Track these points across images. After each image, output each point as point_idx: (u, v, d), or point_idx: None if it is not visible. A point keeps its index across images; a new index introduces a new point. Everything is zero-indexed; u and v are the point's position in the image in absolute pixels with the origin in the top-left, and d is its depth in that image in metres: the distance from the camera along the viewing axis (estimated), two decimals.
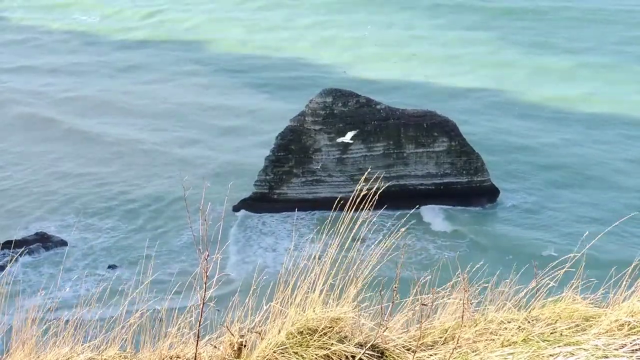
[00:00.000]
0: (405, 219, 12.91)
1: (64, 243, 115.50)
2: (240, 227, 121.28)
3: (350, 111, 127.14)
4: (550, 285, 12.53)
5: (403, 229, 12.66)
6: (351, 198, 12.71)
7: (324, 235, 12.68)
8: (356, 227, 12.49)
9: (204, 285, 11.35)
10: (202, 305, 11.40)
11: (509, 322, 11.43)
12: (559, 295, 12.38)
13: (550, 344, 10.34)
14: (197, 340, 11.63)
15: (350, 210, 12.65)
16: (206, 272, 11.33)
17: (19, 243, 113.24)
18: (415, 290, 12.08)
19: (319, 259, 12.08)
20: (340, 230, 12.11)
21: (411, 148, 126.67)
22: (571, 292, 12.40)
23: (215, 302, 12.45)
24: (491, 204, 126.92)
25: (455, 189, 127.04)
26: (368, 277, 12.00)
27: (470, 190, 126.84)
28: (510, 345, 10.69)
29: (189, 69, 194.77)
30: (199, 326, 11.56)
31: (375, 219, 12.82)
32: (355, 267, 11.99)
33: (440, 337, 11.66)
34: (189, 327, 12.22)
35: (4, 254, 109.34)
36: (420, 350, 11.17)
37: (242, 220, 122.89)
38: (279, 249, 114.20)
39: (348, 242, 12.28)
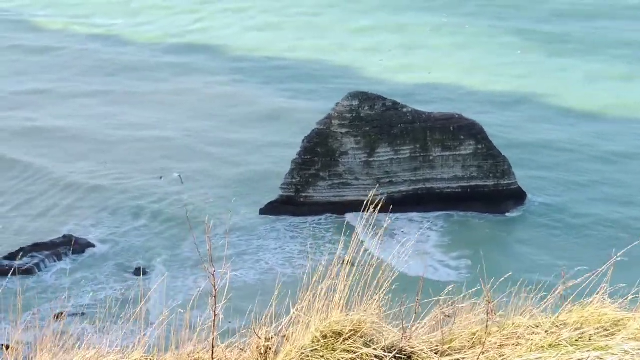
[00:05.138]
0: (430, 222, 12.85)
1: (91, 246, 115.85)
2: (258, 231, 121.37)
3: (376, 114, 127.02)
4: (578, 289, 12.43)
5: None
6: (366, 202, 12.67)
7: (344, 238, 12.67)
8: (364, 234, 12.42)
9: (214, 298, 11.49)
10: (214, 316, 11.51)
11: (536, 327, 11.33)
12: (587, 299, 12.28)
13: (578, 349, 10.25)
14: (212, 350, 11.69)
15: (369, 214, 12.61)
16: (215, 287, 11.53)
17: (47, 246, 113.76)
18: (439, 296, 12.02)
19: (343, 263, 12.06)
20: (359, 234, 12.07)
21: (438, 151, 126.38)
22: (599, 296, 12.28)
23: (238, 305, 12.54)
24: (518, 207, 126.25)
25: (482, 192, 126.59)
26: (392, 281, 11.96)
27: (497, 194, 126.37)
28: (537, 349, 10.60)
29: (217, 73, 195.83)
30: (213, 336, 11.65)
31: (400, 222, 12.80)
32: (375, 267, 11.94)
33: (468, 342, 11.59)
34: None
35: (32, 256, 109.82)
36: (447, 355, 11.11)
37: (263, 225, 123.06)
38: (295, 252, 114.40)
39: (366, 244, 12.27)
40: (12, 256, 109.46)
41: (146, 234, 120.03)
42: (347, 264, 12.00)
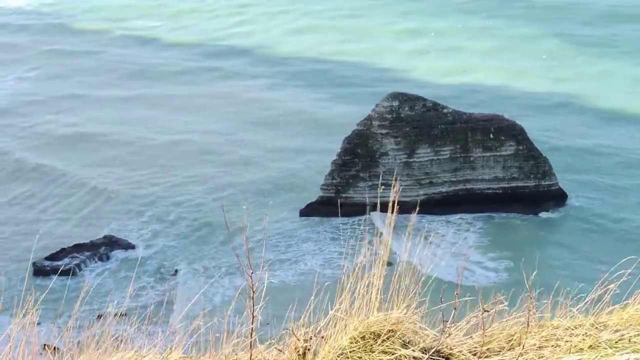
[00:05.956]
0: (470, 224, 12.81)
1: (131, 247, 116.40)
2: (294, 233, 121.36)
3: (416, 115, 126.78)
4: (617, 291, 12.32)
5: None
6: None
7: (382, 239, 12.66)
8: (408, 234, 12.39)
9: (252, 299, 11.52)
10: (252, 317, 11.53)
11: (576, 328, 11.24)
12: (626, 301, 12.18)
13: (618, 351, 10.16)
14: (251, 351, 11.71)
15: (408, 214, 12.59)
16: (253, 288, 11.56)
17: (87, 247, 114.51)
18: (478, 296, 11.97)
19: (381, 264, 12.04)
20: (397, 235, 12.07)
21: (478, 152, 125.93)
22: (639, 298, 12.17)
23: (276, 306, 12.59)
24: (559, 208, 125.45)
25: (522, 193, 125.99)
26: (429, 282, 11.95)
27: (538, 194, 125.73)
28: (577, 351, 10.52)
29: (256, 76, 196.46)
30: (252, 337, 11.68)
31: (436, 223, 12.76)
32: (412, 268, 11.93)
33: (507, 343, 11.52)
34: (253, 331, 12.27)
35: (72, 257, 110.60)
36: (486, 357, 11.05)
37: (303, 227, 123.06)
38: (335, 254, 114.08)
39: (403, 245, 12.25)
40: (53, 257, 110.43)
41: (184, 236, 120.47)
42: (384, 265, 11.99)
